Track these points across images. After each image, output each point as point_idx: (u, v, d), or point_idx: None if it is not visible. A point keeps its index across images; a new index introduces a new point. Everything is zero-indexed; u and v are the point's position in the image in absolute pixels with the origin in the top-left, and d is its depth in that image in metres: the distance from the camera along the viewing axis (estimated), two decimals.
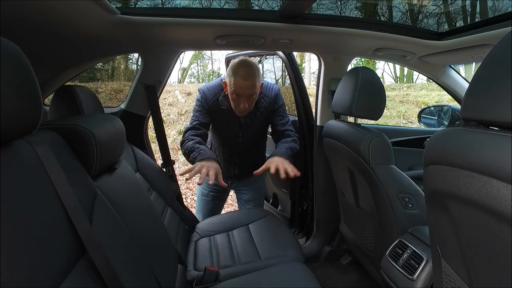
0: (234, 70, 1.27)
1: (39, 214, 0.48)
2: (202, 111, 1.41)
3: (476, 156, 0.46)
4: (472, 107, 0.50)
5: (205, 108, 1.41)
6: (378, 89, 1.16)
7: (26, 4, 0.72)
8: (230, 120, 1.43)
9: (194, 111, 1.44)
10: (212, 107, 1.41)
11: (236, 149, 1.53)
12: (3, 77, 0.43)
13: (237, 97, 1.30)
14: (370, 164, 1.09)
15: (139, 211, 0.88)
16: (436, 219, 0.64)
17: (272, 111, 1.47)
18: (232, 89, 1.28)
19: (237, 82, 1.26)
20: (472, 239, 0.53)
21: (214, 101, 1.40)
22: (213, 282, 1.05)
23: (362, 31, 1.28)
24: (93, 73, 6.26)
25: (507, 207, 0.41)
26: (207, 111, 1.41)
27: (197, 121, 1.40)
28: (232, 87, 1.28)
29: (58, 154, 0.58)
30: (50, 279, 0.45)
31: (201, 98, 1.42)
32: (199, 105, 1.43)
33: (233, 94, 1.30)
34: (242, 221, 1.45)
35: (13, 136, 0.48)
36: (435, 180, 0.58)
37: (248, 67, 1.27)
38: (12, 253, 0.40)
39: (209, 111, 1.41)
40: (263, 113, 1.45)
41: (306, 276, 1.03)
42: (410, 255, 0.97)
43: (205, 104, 1.41)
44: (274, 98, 1.45)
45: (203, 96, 1.41)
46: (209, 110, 1.41)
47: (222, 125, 1.47)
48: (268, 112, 1.46)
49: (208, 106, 1.41)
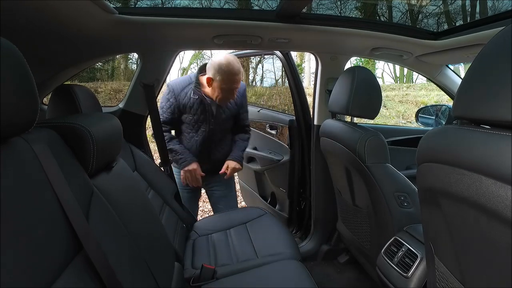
0: (225, 67, 1.39)
1: (36, 211, 0.49)
2: (168, 107, 1.53)
3: (467, 154, 0.47)
4: (463, 106, 0.50)
5: (170, 102, 1.52)
6: (374, 88, 1.17)
7: (24, 4, 0.72)
8: (201, 108, 1.53)
9: (160, 107, 1.55)
10: (181, 99, 1.52)
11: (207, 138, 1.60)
12: (0, 76, 0.44)
13: (226, 89, 1.43)
14: (366, 162, 1.10)
15: (136, 209, 0.89)
16: (429, 216, 0.65)
17: (241, 105, 1.63)
18: (224, 82, 1.41)
19: (230, 77, 1.40)
20: (464, 236, 0.53)
21: (183, 93, 1.52)
22: (210, 280, 1.06)
23: (359, 30, 1.29)
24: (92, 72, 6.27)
25: (495, 203, 0.42)
26: (173, 104, 1.52)
27: (163, 118, 1.53)
28: (225, 81, 1.41)
29: (55, 151, 0.59)
30: (47, 274, 0.46)
31: (169, 93, 1.53)
32: (165, 100, 1.54)
33: (223, 87, 1.42)
34: (239, 220, 1.46)
35: (10, 133, 0.48)
36: (428, 178, 0.58)
37: (237, 63, 1.42)
38: (8, 249, 0.41)
39: (177, 103, 1.52)
40: (233, 105, 1.60)
41: (302, 275, 1.04)
42: (405, 253, 0.98)
43: (172, 98, 1.52)
44: (243, 93, 1.63)
45: (171, 90, 1.52)
46: (178, 102, 1.52)
47: (194, 112, 1.55)
48: (237, 105, 1.62)
49: (176, 98, 1.52)
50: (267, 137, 2.07)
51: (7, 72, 0.45)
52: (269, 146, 2.04)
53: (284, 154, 1.91)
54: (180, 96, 1.51)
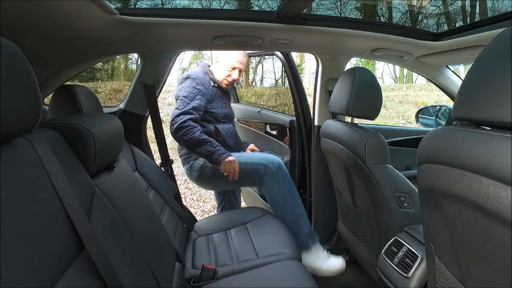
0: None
1: (39, 211, 0.49)
2: (197, 93, 1.50)
3: (467, 155, 0.47)
4: (463, 107, 0.51)
5: (198, 89, 1.50)
6: (375, 89, 1.17)
7: (25, 5, 0.72)
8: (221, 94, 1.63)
9: (185, 97, 1.48)
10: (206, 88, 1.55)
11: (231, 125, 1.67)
12: (3, 77, 0.44)
13: (232, 70, 1.60)
14: (366, 163, 1.10)
15: (137, 209, 0.89)
16: (429, 216, 0.65)
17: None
18: (232, 62, 1.58)
19: (238, 57, 1.58)
20: (464, 236, 0.53)
21: (207, 82, 1.57)
22: (211, 280, 1.06)
23: (359, 31, 1.29)
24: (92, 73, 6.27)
25: (495, 204, 0.42)
26: (202, 91, 1.51)
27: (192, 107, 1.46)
28: (233, 60, 1.58)
29: (57, 152, 0.59)
30: (50, 274, 0.46)
31: (194, 80, 1.52)
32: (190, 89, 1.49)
33: (230, 66, 1.59)
34: (240, 220, 1.46)
35: (13, 134, 0.49)
36: (428, 178, 0.59)
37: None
38: (11, 249, 0.41)
39: (206, 90, 1.54)
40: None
41: (302, 275, 1.04)
42: (405, 253, 0.98)
43: (200, 85, 1.52)
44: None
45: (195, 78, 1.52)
46: (206, 89, 1.54)
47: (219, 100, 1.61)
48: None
49: (204, 85, 1.53)
50: (267, 138, 2.08)
51: (10, 73, 0.45)
52: (269, 147, 2.04)
53: (284, 154, 1.91)
54: (205, 84, 1.54)
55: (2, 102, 0.43)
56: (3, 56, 0.45)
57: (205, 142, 1.43)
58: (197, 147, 1.42)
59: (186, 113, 1.43)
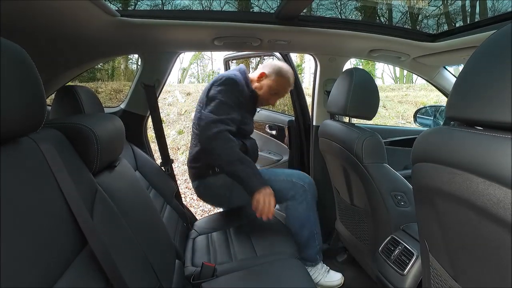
0: (285, 72, 1.40)
1: (43, 207, 0.50)
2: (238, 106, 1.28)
3: (458, 154, 0.49)
4: (455, 107, 0.52)
5: (242, 102, 1.30)
6: (372, 89, 1.18)
7: (27, 6, 0.74)
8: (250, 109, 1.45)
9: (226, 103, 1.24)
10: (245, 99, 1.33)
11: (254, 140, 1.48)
12: (10, 78, 0.45)
13: (273, 90, 1.41)
14: (363, 162, 1.11)
15: (138, 207, 0.90)
16: (423, 214, 0.66)
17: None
18: (276, 82, 1.40)
19: (284, 81, 1.41)
20: (456, 233, 0.55)
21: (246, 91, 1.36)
22: (210, 277, 1.07)
23: (357, 32, 1.31)
24: (93, 73, 6.27)
25: (485, 201, 0.43)
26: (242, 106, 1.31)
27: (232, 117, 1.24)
28: (277, 82, 1.39)
29: (60, 151, 0.60)
30: (53, 270, 0.48)
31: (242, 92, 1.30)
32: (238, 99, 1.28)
33: (272, 86, 1.40)
34: (239, 219, 1.47)
35: (19, 133, 0.50)
36: (422, 177, 0.60)
37: (293, 80, 1.45)
38: (15, 245, 0.43)
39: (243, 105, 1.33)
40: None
41: (300, 273, 1.06)
42: (401, 251, 1.00)
43: (243, 99, 1.31)
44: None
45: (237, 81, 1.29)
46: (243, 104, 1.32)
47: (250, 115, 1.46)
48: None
49: (244, 99, 1.32)
50: (266, 138, 2.09)
51: (17, 74, 0.47)
52: (269, 147, 2.06)
53: (283, 154, 1.93)
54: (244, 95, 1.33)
55: (11, 102, 0.45)
56: (10, 58, 0.46)
57: (244, 162, 1.19)
58: (233, 165, 1.18)
59: (223, 122, 1.21)
